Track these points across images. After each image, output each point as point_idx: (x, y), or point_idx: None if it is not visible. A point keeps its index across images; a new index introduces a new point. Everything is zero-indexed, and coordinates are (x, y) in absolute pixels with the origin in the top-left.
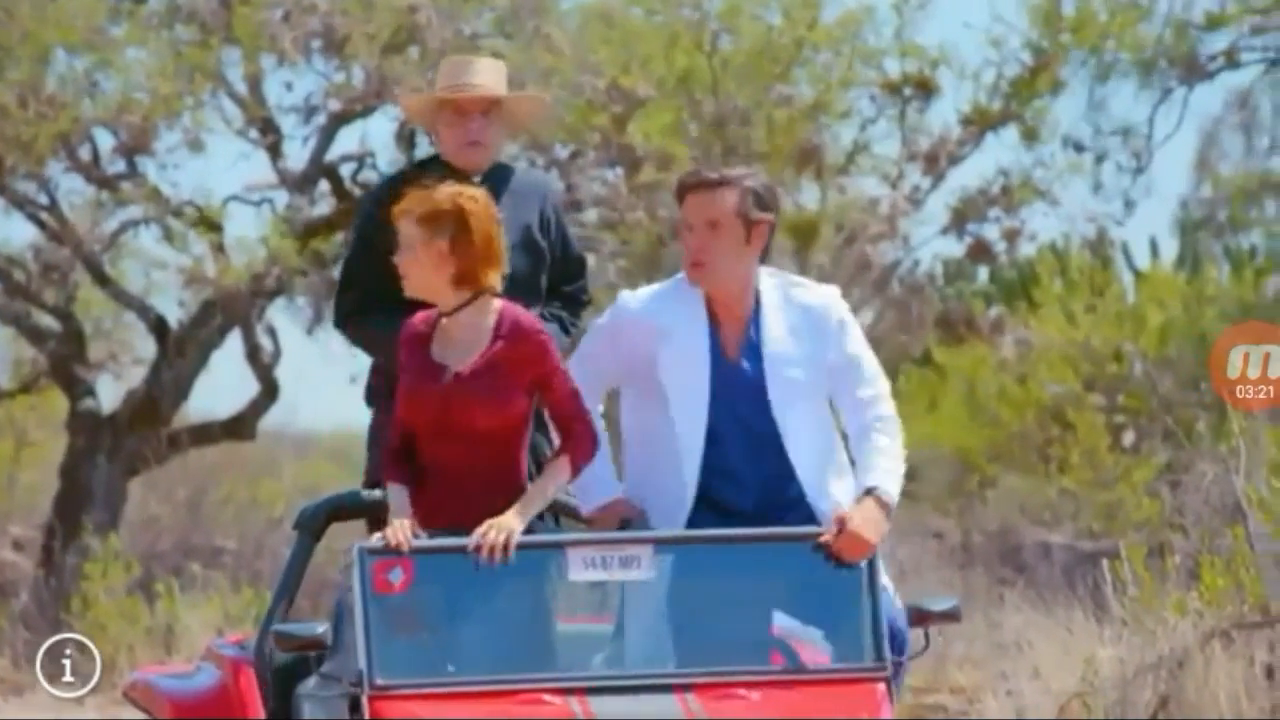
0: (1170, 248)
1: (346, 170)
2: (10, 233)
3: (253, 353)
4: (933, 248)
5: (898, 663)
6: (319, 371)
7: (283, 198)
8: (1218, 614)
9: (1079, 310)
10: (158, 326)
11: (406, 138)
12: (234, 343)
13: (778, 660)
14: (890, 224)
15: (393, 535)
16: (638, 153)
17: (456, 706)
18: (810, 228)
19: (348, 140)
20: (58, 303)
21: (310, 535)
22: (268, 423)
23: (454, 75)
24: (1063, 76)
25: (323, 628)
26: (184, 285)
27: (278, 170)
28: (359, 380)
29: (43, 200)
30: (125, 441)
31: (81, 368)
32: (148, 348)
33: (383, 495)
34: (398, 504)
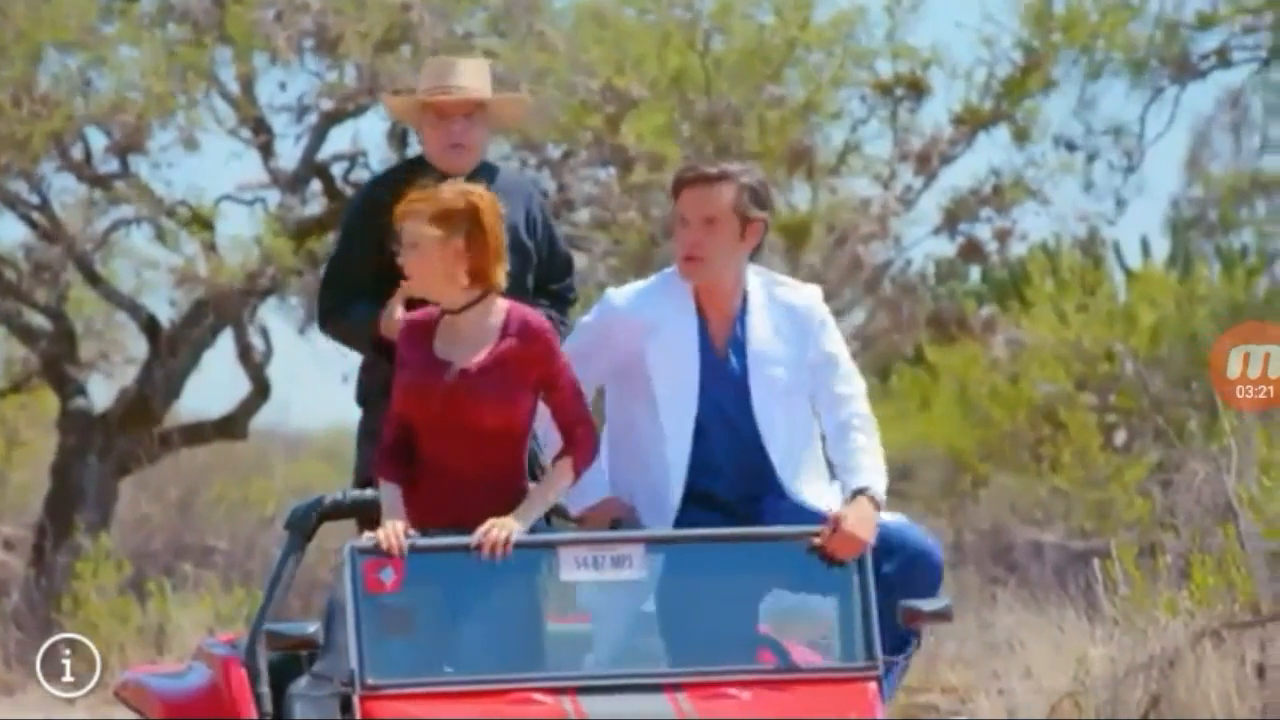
0: (1162, 247)
1: (339, 169)
2: (1, 232)
3: (244, 352)
4: (924, 247)
5: (906, 653)
6: (311, 371)
7: (275, 197)
8: (1209, 613)
9: (1070, 310)
10: (149, 326)
11: (399, 137)
12: (226, 342)
13: (769, 659)
14: (882, 224)
15: (385, 539)
16: (630, 153)
17: (448, 706)
18: (802, 228)
19: (340, 139)
20: (49, 302)
21: (301, 535)
22: (259, 422)
23: (437, 77)
24: (1054, 76)
25: (314, 627)
26: (176, 284)
27: (270, 169)
28: (351, 380)
29: (34, 199)
30: (116, 441)
31: (73, 367)
32: (139, 347)
33: (374, 494)
34: (390, 503)
